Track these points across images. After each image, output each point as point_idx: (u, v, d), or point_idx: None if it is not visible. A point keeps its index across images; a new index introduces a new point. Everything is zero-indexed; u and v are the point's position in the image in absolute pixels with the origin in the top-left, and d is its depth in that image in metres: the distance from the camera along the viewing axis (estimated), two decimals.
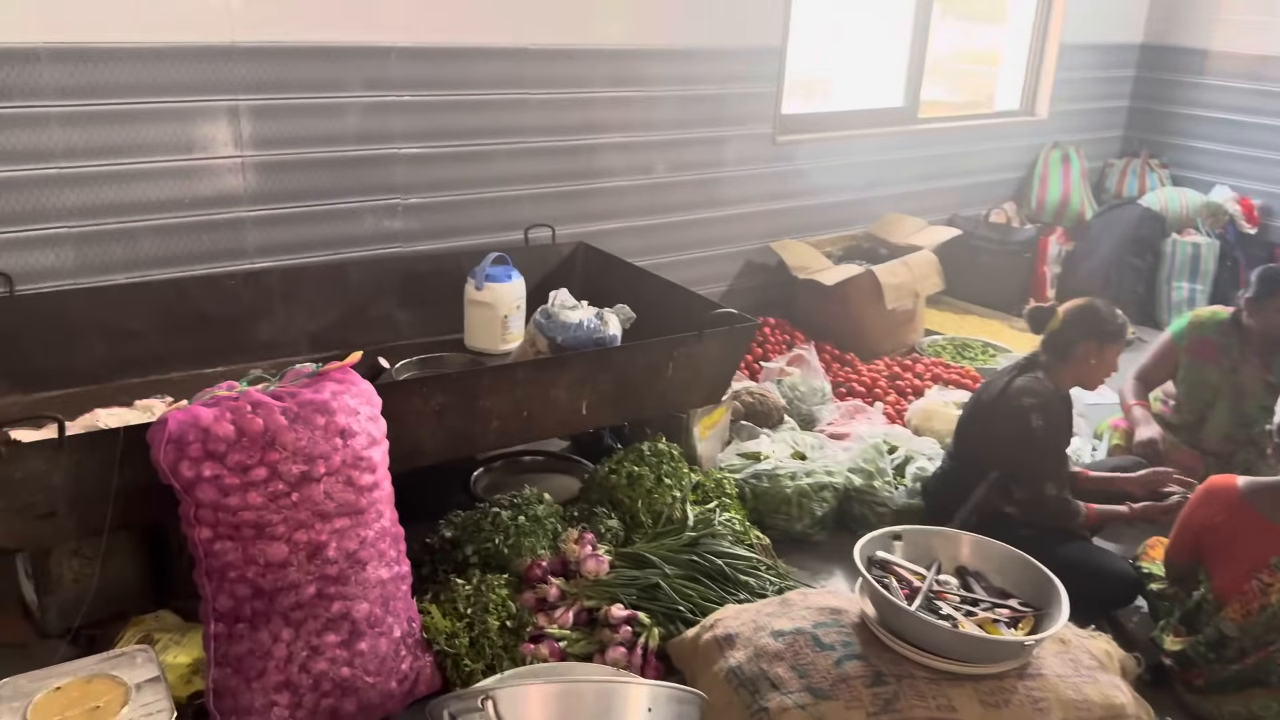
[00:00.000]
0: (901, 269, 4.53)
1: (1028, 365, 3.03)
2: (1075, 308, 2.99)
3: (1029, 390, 2.90)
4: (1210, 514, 2.40)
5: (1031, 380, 2.93)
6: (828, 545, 3.15)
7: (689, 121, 4.28)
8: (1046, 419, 2.86)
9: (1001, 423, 2.91)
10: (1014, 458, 2.90)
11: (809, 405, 3.73)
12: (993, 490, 2.97)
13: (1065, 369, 2.96)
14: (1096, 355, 2.91)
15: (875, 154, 5.04)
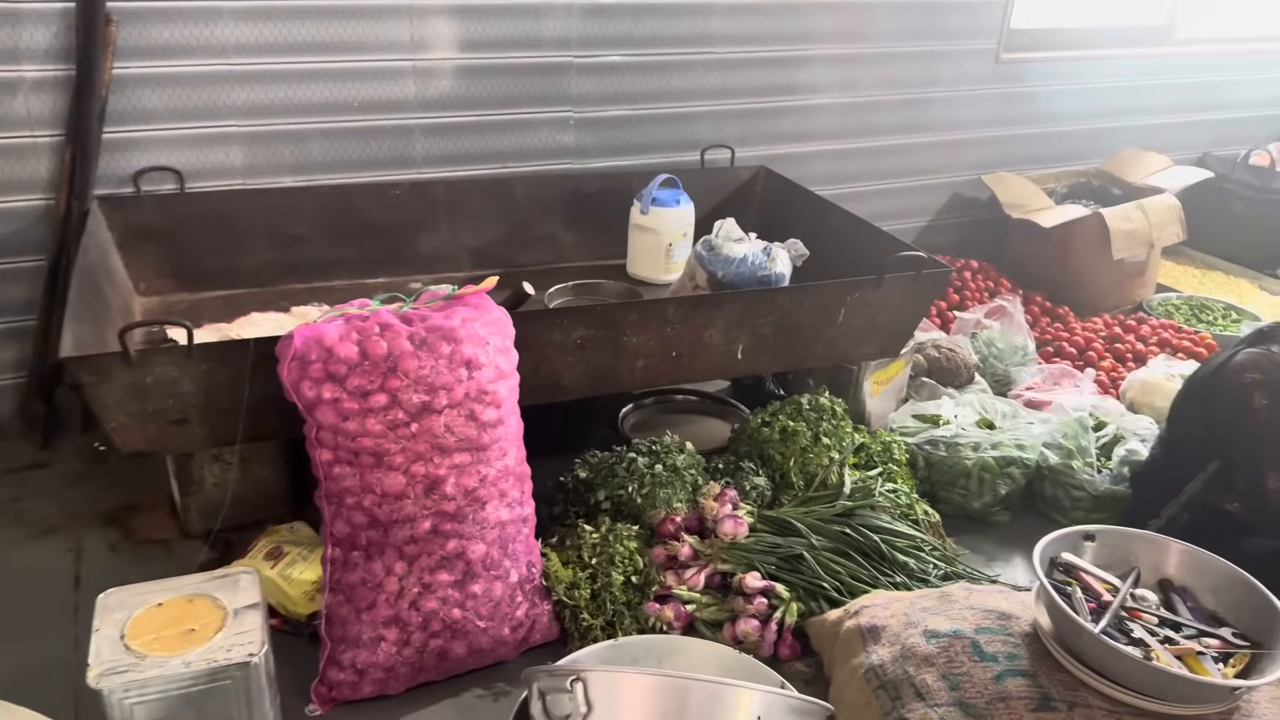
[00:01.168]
0: (1136, 214, 3.94)
1: (1261, 337, 2.53)
2: None
3: (1256, 364, 2.42)
4: None
5: (1259, 354, 2.45)
6: (1010, 528, 2.79)
7: (900, 33, 3.83)
8: (1273, 396, 2.38)
9: (1221, 402, 2.45)
10: (1234, 444, 2.43)
11: (1006, 365, 3.31)
12: (1211, 484, 2.51)
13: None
14: None
15: (1118, 78, 4.39)
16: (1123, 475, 2.74)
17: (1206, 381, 2.53)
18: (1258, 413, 2.39)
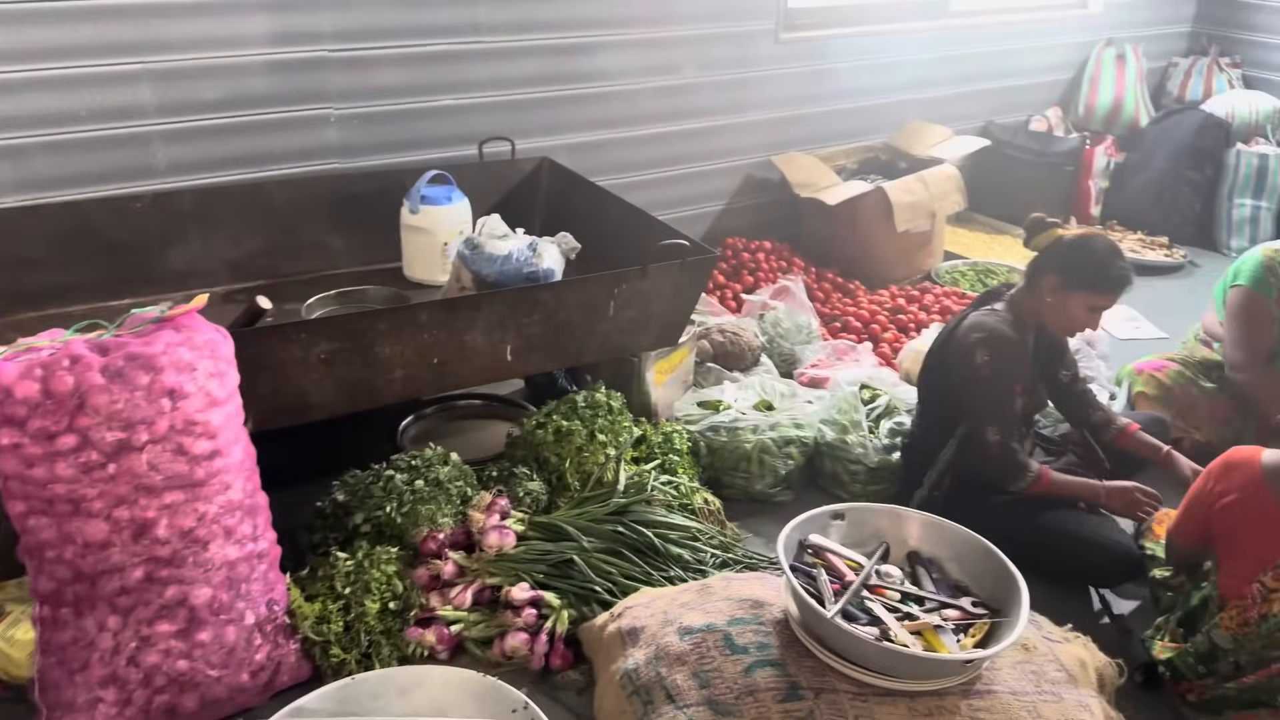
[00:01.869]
0: (917, 186, 4.04)
1: (987, 297, 2.61)
2: (1070, 236, 2.51)
3: (978, 325, 2.48)
4: (1225, 489, 1.98)
5: (985, 314, 2.52)
6: (794, 507, 2.76)
7: (676, 17, 3.80)
8: (993, 354, 2.43)
9: (953, 367, 2.51)
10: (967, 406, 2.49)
11: (792, 344, 3.33)
12: (963, 449, 2.57)
13: (1029, 301, 2.52)
14: (1057, 296, 2.45)
15: (898, 53, 4.49)
16: (894, 445, 2.78)
17: (940, 350, 2.59)
18: (979, 369, 2.44)
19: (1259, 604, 1.87)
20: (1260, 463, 1.95)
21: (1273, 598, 1.86)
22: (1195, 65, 5.29)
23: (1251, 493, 1.94)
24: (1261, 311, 2.92)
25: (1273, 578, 1.86)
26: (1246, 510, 1.94)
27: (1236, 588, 1.92)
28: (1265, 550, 1.88)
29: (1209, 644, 1.94)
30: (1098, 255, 2.44)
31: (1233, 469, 1.99)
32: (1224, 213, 4.74)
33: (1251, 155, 4.66)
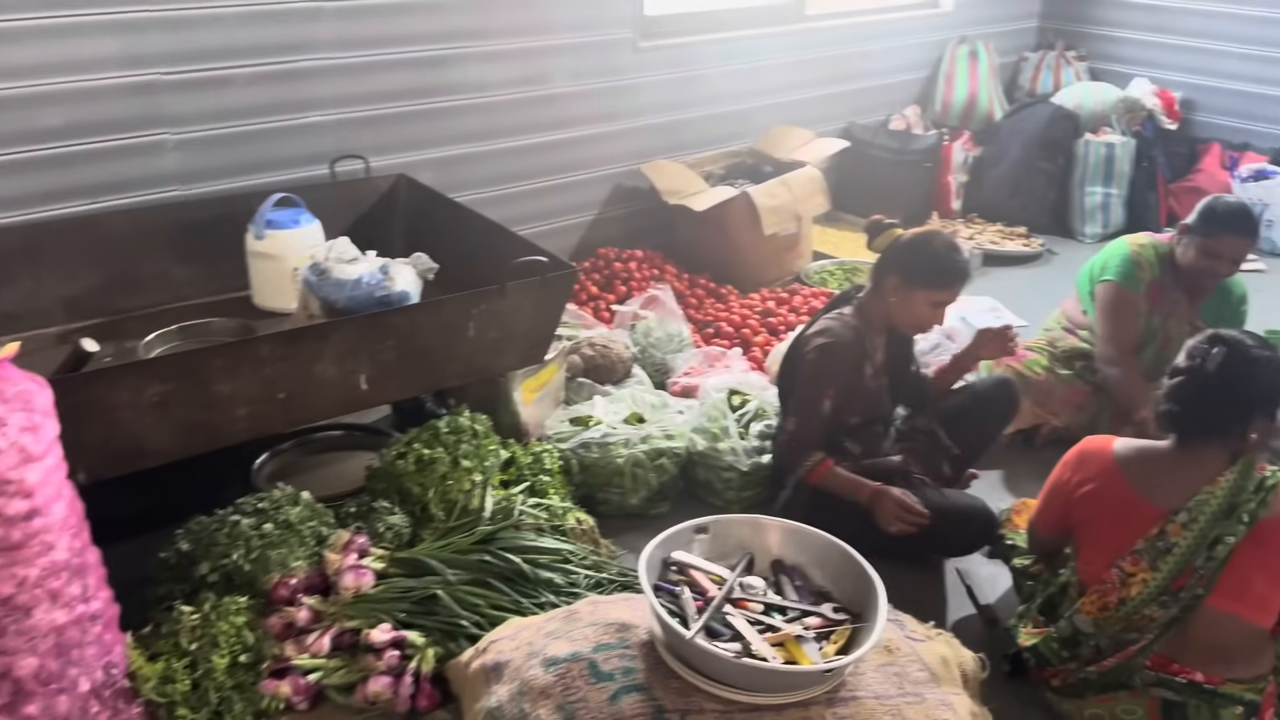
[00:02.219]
0: (780, 189, 4.08)
1: (836, 302, 2.65)
2: (910, 235, 2.57)
3: (824, 329, 2.54)
4: (1082, 478, 2.03)
5: (833, 318, 2.56)
6: (670, 519, 2.73)
7: (532, 27, 3.75)
8: (820, 355, 2.49)
9: (798, 369, 2.56)
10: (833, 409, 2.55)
11: (664, 354, 3.31)
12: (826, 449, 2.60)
13: (875, 303, 2.57)
14: (900, 296, 2.49)
15: (758, 58, 4.53)
16: (764, 449, 2.79)
17: (789, 354, 2.62)
18: (807, 361, 2.50)
19: (1118, 588, 1.92)
20: (1113, 452, 2.01)
21: (1130, 582, 1.91)
22: (1044, 59, 5.50)
23: (1107, 481, 1.99)
24: (1129, 306, 3.02)
25: (1130, 562, 1.92)
26: (1103, 498, 1.99)
27: (1096, 573, 1.97)
28: (1122, 536, 1.94)
29: (1071, 629, 1.99)
30: (935, 252, 2.49)
31: (1088, 458, 2.04)
32: (1077, 201, 4.94)
33: (1099, 144, 4.87)
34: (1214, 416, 1.91)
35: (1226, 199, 2.94)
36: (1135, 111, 5.05)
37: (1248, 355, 1.90)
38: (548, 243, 4.04)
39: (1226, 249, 2.89)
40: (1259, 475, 1.88)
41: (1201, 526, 1.86)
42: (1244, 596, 1.86)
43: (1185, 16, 5.14)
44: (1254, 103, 5.00)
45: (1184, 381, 1.92)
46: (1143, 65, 5.32)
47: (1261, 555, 1.85)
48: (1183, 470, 1.92)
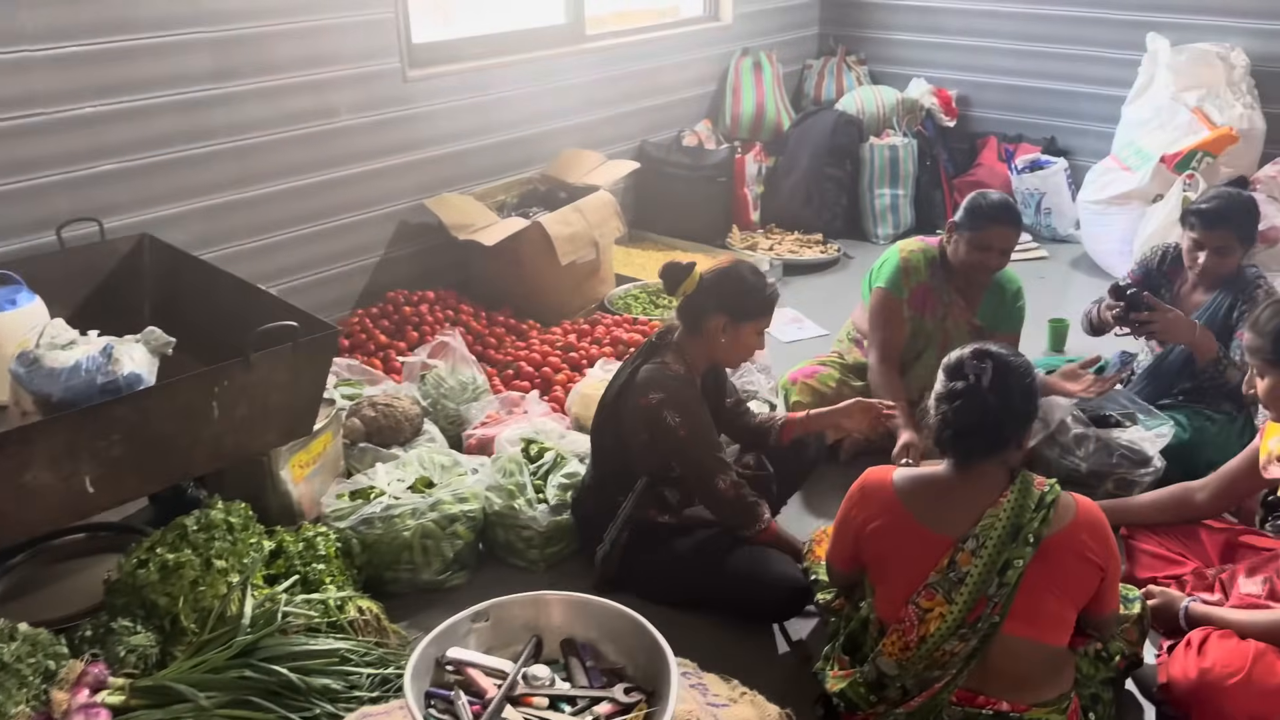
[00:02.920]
0: (574, 216, 3.94)
1: (652, 349, 2.51)
2: (713, 272, 2.50)
3: (652, 383, 2.40)
4: (868, 515, 1.95)
5: (655, 370, 2.43)
6: (471, 589, 2.57)
7: (286, 63, 3.46)
8: (682, 412, 2.37)
9: (638, 427, 2.42)
10: (662, 463, 2.43)
11: (458, 404, 3.10)
12: (642, 500, 2.48)
13: (696, 345, 2.47)
14: (730, 333, 2.42)
15: (541, 81, 4.38)
16: (564, 502, 2.62)
17: (614, 406, 2.47)
18: (675, 430, 2.37)
19: (916, 626, 1.84)
20: (893, 485, 1.93)
21: (928, 618, 1.84)
22: (826, 66, 5.59)
23: (891, 517, 1.92)
24: (895, 313, 3.03)
25: (925, 597, 1.84)
26: (890, 534, 1.92)
27: (894, 611, 1.89)
28: (914, 572, 1.86)
29: (876, 672, 1.90)
30: (750, 283, 2.45)
31: (869, 494, 1.97)
32: (868, 204, 5.03)
33: (883, 147, 4.97)
34: (996, 433, 1.87)
35: (989, 193, 2.98)
36: (915, 112, 5.20)
37: (1011, 365, 1.88)
38: (329, 290, 3.82)
39: (995, 240, 2.93)
40: (1038, 491, 1.85)
41: (990, 552, 1.81)
42: (1038, 620, 1.82)
43: (955, 16, 5.32)
44: (1023, 95, 5.23)
45: (964, 403, 1.86)
46: (920, 66, 5.49)
47: (1050, 574, 1.81)
48: (964, 495, 1.87)
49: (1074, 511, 1.85)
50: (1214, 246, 2.82)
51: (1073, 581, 1.84)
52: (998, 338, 3.10)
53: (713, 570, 2.40)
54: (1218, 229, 2.81)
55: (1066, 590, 1.83)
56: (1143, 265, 3.11)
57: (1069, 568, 1.83)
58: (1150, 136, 4.42)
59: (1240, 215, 2.80)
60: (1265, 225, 4.05)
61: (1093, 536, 1.85)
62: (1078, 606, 1.87)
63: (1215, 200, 2.84)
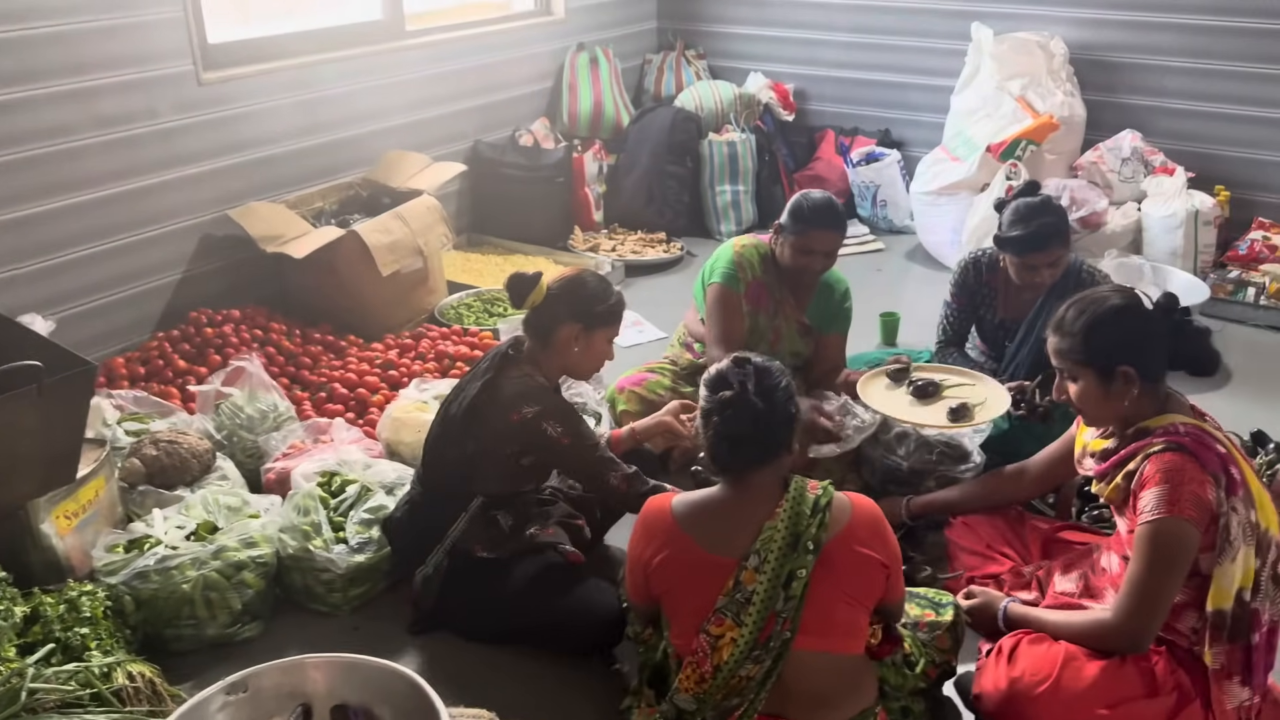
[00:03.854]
0: (395, 224, 3.72)
1: (506, 361, 2.39)
2: (560, 281, 2.41)
3: (524, 397, 2.30)
4: (654, 549, 1.84)
5: (521, 383, 2.33)
6: (267, 639, 2.37)
7: (65, 68, 3.17)
8: (561, 420, 2.31)
9: (503, 443, 2.29)
10: (528, 475, 2.38)
11: (257, 435, 2.86)
12: (474, 524, 2.33)
13: (549, 356, 2.39)
14: (583, 342, 2.37)
15: (358, 80, 4.14)
16: (370, 539, 2.43)
17: (464, 420, 2.31)
18: (559, 440, 2.29)
19: (710, 655, 1.74)
20: (672, 512, 1.83)
21: (720, 645, 1.74)
22: (666, 60, 5.49)
23: (674, 546, 1.82)
24: (734, 306, 2.94)
25: (715, 624, 1.74)
26: (675, 565, 1.81)
27: (687, 643, 1.78)
28: (702, 599, 1.76)
29: (675, 710, 1.79)
30: (598, 290, 2.40)
31: (651, 525, 1.86)
32: (709, 201, 4.96)
33: (722, 144, 4.91)
34: (769, 438, 1.80)
35: (811, 195, 2.91)
36: (753, 107, 5.16)
37: (770, 369, 1.83)
38: (123, 314, 3.51)
39: (817, 244, 2.86)
40: (812, 496, 1.78)
41: (773, 566, 1.72)
42: (830, 630, 1.74)
43: (789, 8, 5.29)
44: (858, 88, 5.24)
45: (733, 412, 1.78)
46: (757, 60, 5.45)
47: (835, 579, 1.74)
48: (742, 512, 1.79)
49: (849, 511, 1.79)
50: (1046, 264, 2.80)
51: (860, 583, 1.78)
52: (826, 338, 3.07)
53: (529, 605, 2.27)
54: (1045, 249, 2.76)
55: (855, 593, 1.76)
56: (961, 287, 3.05)
57: (853, 569, 1.76)
58: (977, 126, 4.48)
59: (1057, 223, 2.78)
60: (1087, 211, 4.18)
61: (871, 533, 1.79)
62: (869, 609, 1.82)
63: (1027, 223, 2.75)
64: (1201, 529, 1.81)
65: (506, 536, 2.34)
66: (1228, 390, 3.45)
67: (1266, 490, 1.93)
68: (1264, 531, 1.84)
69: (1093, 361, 1.95)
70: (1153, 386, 1.95)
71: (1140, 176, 4.32)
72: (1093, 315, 1.95)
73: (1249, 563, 1.82)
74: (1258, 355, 3.69)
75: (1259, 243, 4.19)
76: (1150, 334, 1.94)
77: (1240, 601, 1.82)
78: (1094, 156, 4.41)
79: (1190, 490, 1.81)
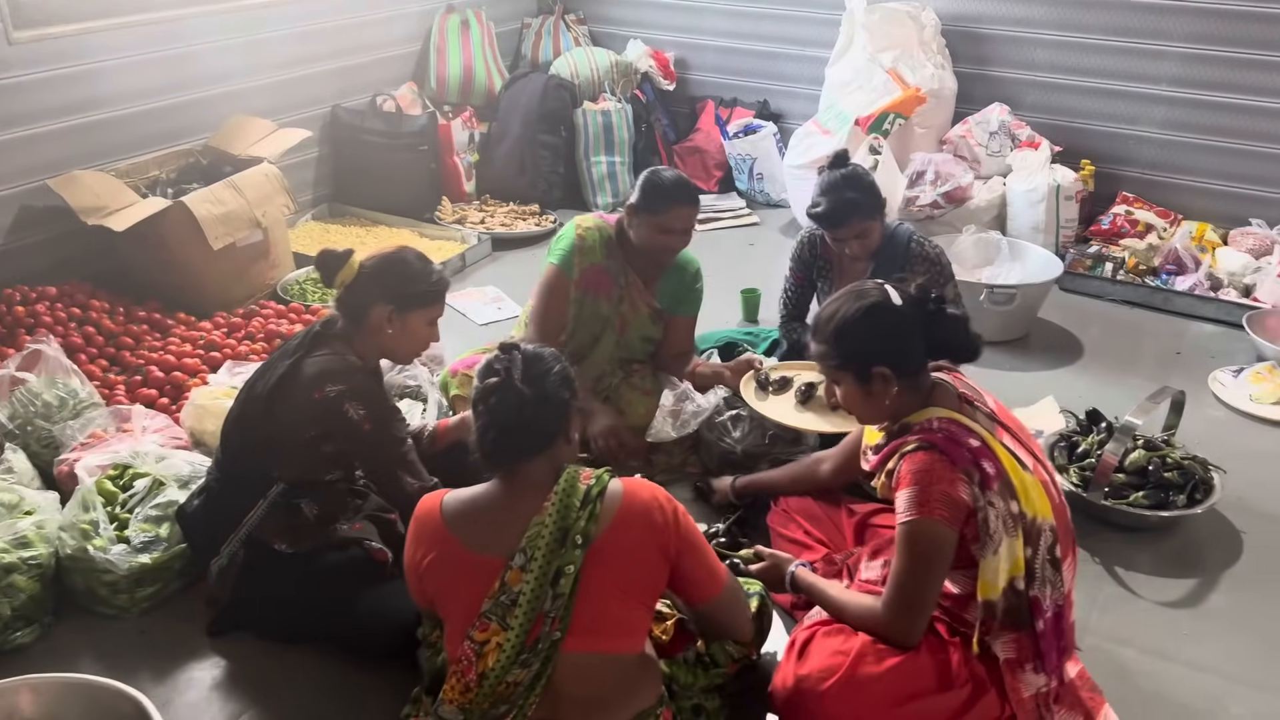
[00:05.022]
0: (227, 194, 3.51)
1: (318, 339, 2.24)
2: (374, 258, 2.26)
3: (329, 374, 2.16)
4: (422, 550, 1.73)
5: (330, 360, 2.19)
6: (47, 644, 2.20)
7: None
8: (366, 403, 2.16)
9: (306, 423, 2.15)
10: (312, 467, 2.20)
11: (56, 423, 2.66)
12: (273, 513, 2.19)
13: (362, 337, 2.25)
14: (396, 324, 2.23)
15: (199, 40, 3.89)
16: (158, 536, 2.27)
17: (268, 400, 2.16)
18: (360, 424, 2.15)
19: (475, 663, 1.64)
20: (440, 511, 1.73)
21: (486, 651, 1.64)
22: (545, 25, 5.31)
23: (442, 547, 1.71)
24: (561, 291, 2.83)
25: (480, 629, 1.64)
26: (442, 567, 1.71)
27: (456, 651, 1.68)
28: (469, 604, 1.66)
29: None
30: (416, 269, 2.26)
31: (420, 526, 1.75)
32: (585, 173, 4.82)
33: (596, 113, 4.76)
34: (538, 425, 1.71)
35: (663, 172, 2.79)
36: (630, 75, 5.02)
37: (540, 355, 1.75)
38: None
39: (675, 221, 2.76)
40: (584, 486, 1.69)
41: (540, 564, 1.63)
42: (602, 629, 1.65)
43: None
44: (738, 58, 5.14)
45: (499, 399, 1.68)
46: (638, 26, 5.30)
47: (609, 575, 1.65)
48: (512, 509, 1.69)
49: (621, 499, 1.70)
50: (852, 237, 2.77)
51: (637, 578, 1.69)
52: (674, 319, 2.98)
53: (325, 605, 2.15)
54: (846, 224, 2.74)
55: (630, 589, 1.68)
56: (798, 261, 3.03)
57: (629, 563, 1.67)
58: (850, 98, 4.41)
59: (858, 198, 2.74)
60: (952, 185, 4.14)
61: (650, 523, 1.69)
62: (649, 604, 1.74)
63: (829, 197, 2.75)
64: (958, 526, 1.79)
65: (310, 528, 2.21)
66: (1080, 365, 3.46)
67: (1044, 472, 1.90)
68: (1031, 519, 1.80)
69: (847, 365, 1.90)
70: (913, 381, 1.90)
71: (1007, 150, 4.31)
72: (841, 319, 1.89)
73: (1016, 553, 1.78)
74: (1111, 330, 3.72)
75: (1121, 217, 4.22)
76: (901, 330, 1.88)
77: (1015, 591, 1.79)
78: (962, 130, 4.38)
79: (940, 490, 1.77)
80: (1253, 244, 4.02)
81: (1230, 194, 4.26)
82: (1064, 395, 3.19)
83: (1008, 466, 1.82)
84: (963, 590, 1.89)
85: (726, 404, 2.72)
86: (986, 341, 2.04)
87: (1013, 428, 1.95)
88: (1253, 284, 3.80)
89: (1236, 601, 2.37)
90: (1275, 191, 4.17)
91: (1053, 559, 1.84)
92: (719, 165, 5.00)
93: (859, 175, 2.78)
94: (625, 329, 2.91)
